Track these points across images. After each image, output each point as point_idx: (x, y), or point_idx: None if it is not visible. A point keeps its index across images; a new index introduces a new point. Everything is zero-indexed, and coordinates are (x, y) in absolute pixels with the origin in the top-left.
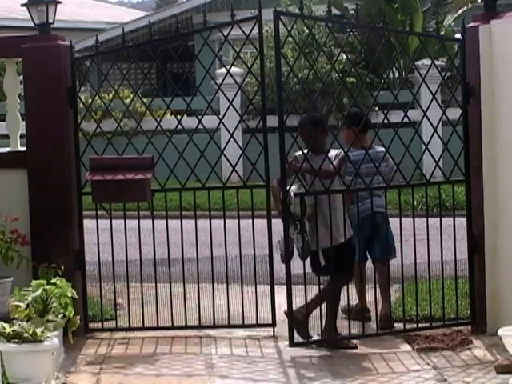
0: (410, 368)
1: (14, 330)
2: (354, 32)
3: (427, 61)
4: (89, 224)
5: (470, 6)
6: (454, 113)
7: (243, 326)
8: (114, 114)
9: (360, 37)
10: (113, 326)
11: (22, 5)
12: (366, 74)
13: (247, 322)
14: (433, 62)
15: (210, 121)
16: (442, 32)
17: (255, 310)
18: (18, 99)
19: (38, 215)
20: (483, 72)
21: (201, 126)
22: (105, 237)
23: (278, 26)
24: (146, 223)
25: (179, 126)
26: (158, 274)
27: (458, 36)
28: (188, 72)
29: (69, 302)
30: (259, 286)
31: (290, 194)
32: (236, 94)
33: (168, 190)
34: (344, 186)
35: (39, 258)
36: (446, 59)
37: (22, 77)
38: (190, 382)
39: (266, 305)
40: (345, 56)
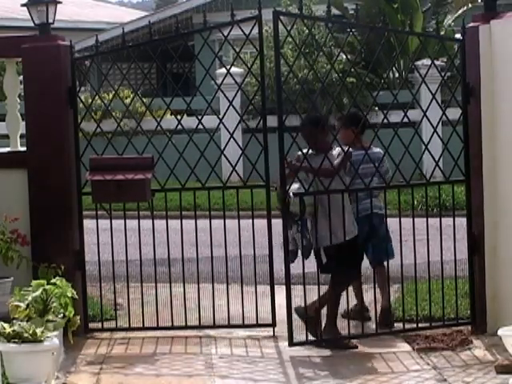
0: (409, 368)
1: (14, 330)
2: (353, 32)
3: (427, 61)
4: (89, 224)
5: (470, 5)
6: (453, 113)
7: (243, 326)
8: (113, 114)
9: (360, 37)
10: (113, 326)
11: (22, 5)
12: (366, 74)
13: (247, 322)
14: (433, 62)
15: (209, 121)
16: (442, 32)
17: (255, 310)
18: (18, 99)
19: (38, 215)
20: (483, 72)
21: (201, 126)
22: (105, 237)
23: (278, 26)
24: (145, 223)
25: (179, 126)
26: (158, 273)
27: (458, 36)
28: (188, 72)
29: (69, 301)
30: (259, 286)
31: (290, 193)
32: (236, 94)
33: (168, 190)
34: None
35: (39, 258)
36: (445, 59)
37: (21, 77)
38: (190, 382)
39: (265, 305)
40: (344, 56)
